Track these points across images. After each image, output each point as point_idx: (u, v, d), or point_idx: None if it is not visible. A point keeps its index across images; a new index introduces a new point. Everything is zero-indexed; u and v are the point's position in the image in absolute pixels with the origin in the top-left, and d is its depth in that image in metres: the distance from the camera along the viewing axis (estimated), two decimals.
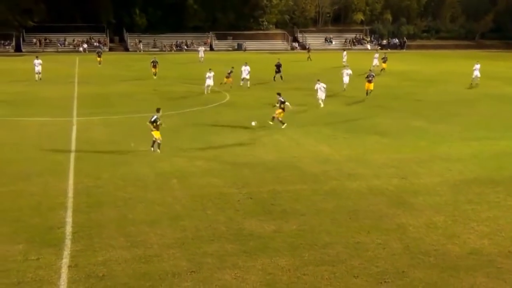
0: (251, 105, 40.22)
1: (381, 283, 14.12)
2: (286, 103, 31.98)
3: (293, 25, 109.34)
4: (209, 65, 52.52)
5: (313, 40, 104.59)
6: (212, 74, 46.43)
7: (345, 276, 14.45)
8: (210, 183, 21.93)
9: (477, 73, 52.51)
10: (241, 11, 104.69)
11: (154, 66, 57.98)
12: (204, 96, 45.15)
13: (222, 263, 15.04)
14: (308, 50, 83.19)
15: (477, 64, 52.99)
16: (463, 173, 23.80)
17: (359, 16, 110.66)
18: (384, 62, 63.59)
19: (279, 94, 32.49)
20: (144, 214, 18.53)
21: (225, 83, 48.91)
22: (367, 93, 44.11)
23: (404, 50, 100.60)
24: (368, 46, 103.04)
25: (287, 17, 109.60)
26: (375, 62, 66.16)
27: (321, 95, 39.20)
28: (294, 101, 35.10)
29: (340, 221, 18.16)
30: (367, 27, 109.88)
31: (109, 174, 22.98)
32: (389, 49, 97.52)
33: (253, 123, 28.34)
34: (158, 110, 26.59)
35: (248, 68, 50.05)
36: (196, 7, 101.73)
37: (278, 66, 55.30)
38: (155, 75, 57.51)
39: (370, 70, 48.76)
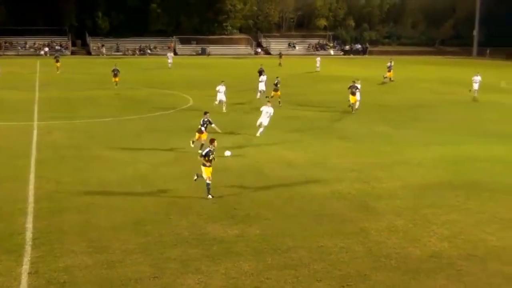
0: (215, 110, 40.13)
1: (344, 286, 14.22)
2: (213, 125, 27.38)
3: (257, 30, 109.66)
4: (178, 70, 52.15)
5: (277, 45, 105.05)
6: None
7: (308, 280, 14.51)
8: (173, 188, 21.82)
9: (476, 86, 48.69)
10: (205, 15, 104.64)
11: (115, 75, 53.80)
12: (168, 100, 44.90)
13: (185, 268, 14.97)
14: (280, 55, 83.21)
15: (477, 75, 49.25)
16: (425, 177, 24.12)
17: (322, 22, 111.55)
18: (389, 70, 61.39)
19: (206, 113, 27.50)
20: (106, 220, 18.35)
21: (272, 97, 41.12)
22: (349, 106, 40.55)
23: (366, 56, 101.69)
24: (331, 52, 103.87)
25: (251, 22, 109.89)
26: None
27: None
28: (258, 105, 35.11)
29: (304, 225, 18.24)
30: (330, 33, 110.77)
31: (71, 179, 22.72)
32: (351, 55, 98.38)
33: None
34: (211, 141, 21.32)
35: (224, 87, 40.38)
36: (160, 11, 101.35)
37: (261, 72, 51.17)
38: (116, 84, 53.33)
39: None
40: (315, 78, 61.68)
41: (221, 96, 40.26)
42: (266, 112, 31.28)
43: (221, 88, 40.23)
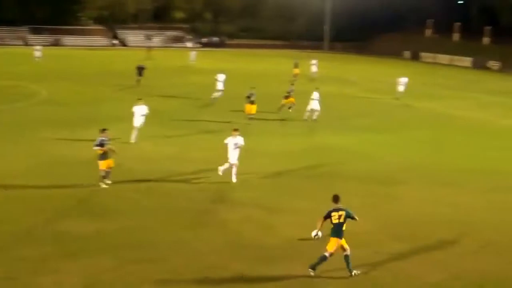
0: (67, 102, 38.89)
1: (204, 278, 14.42)
2: (109, 146, 21.60)
3: (113, 22, 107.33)
4: (50, 63, 49.37)
5: (134, 37, 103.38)
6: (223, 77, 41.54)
7: (169, 273, 14.57)
8: (28, 184, 21.02)
9: (401, 88, 46.88)
10: (58, 5, 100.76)
11: None
12: (18, 92, 42.86)
13: (41, 267, 14.51)
14: (149, 48, 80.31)
15: (404, 78, 47.58)
16: (281, 167, 24.88)
17: (180, 14, 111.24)
18: (296, 67, 59.19)
19: (103, 130, 21.70)
20: None
21: (283, 104, 38.60)
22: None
23: (223, 49, 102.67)
24: (189, 44, 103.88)
25: (106, 13, 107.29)
26: (314, 69, 60.01)
27: None
28: (111, 97, 34.51)
29: (163, 219, 18.26)
30: (187, 25, 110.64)
31: None
32: (209, 47, 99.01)
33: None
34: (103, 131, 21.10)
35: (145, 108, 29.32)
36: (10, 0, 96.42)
37: (140, 69, 47.94)
38: None
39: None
40: (180, 71, 61.31)
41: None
42: (235, 145, 22.72)
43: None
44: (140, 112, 28.47)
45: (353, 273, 14.69)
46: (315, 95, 36.07)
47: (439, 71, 77.07)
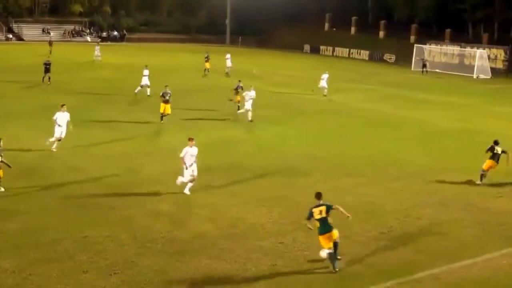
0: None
1: (111, 275, 14.20)
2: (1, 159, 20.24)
3: (7, 15, 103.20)
4: None
5: (30, 31, 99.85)
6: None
7: (74, 272, 14.25)
8: None
9: (324, 83, 46.33)
10: None
11: None
12: None
13: None
14: (50, 43, 77.34)
15: (325, 74, 47.05)
16: None
17: (78, 8, 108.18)
18: (207, 61, 58.46)
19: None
20: None
21: (231, 100, 38.12)
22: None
23: (124, 43, 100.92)
24: (88, 38, 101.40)
25: (0, 6, 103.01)
26: (228, 63, 59.17)
27: None
28: (11, 93, 33.27)
29: (66, 217, 17.82)
30: (86, 19, 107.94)
31: None
32: (109, 42, 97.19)
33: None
34: None
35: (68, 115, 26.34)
36: None
37: (47, 65, 44.92)
38: None
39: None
40: (86, 66, 59.70)
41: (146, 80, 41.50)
42: (191, 156, 20.70)
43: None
44: (63, 119, 25.20)
45: (336, 267, 14.95)
46: (250, 94, 34.80)
47: (338, 64, 78.98)
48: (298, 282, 14.35)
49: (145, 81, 41.82)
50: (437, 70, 73.78)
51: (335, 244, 14.99)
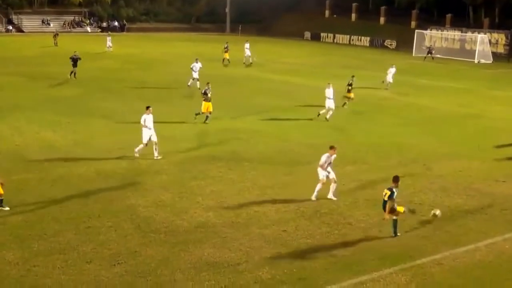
0: None
1: (115, 265, 14.25)
2: None
3: (7, 6, 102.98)
4: None
5: (30, 22, 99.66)
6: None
7: (78, 262, 14.31)
8: None
9: (390, 78, 45.06)
10: None
11: None
12: None
13: None
14: (56, 35, 76.99)
15: (392, 67, 45.76)
16: (188, 151, 24.86)
17: None
18: (226, 51, 57.02)
19: None
20: None
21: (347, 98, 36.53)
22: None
23: (124, 33, 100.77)
24: (88, 29, 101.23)
25: None
26: (247, 53, 57.93)
27: None
28: (11, 86, 33.22)
29: (69, 208, 17.85)
30: (85, 9, 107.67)
31: None
32: (109, 32, 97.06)
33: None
34: None
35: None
36: None
37: (75, 60, 43.67)
38: None
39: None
40: (99, 57, 59.74)
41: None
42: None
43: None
44: (150, 121, 23.62)
45: (397, 234, 16.49)
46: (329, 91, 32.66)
47: (339, 50, 78.81)
48: (301, 269, 14.38)
49: (194, 74, 41.12)
50: (438, 56, 73.55)
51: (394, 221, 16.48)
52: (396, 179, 16.49)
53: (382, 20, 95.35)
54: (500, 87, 48.34)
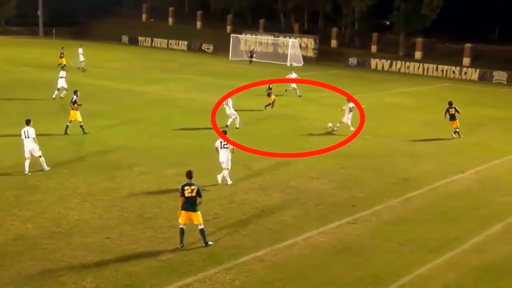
0: None
1: None
2: None
3: None
4: None
5: None
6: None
7: None
8: None
9: (294, 84, 45.89)
10: None
11: None
12: None
13: None
14: None
15: (292, 73, 47.33)
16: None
17: None
18: (62, 57, 54.46)
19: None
20: None
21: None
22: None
23: None
24: None
25: None
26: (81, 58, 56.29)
27: None
28: None
29: None
30: None
31: None
32: None
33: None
34: None
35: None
36: None
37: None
38: None
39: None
40: None
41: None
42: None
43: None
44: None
45: (208, 244, 16.12)
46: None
47: (157, 55, 78.77)
48: (126, 276, 14.24)
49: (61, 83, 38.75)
50: (255, 60, 76.10)
51: (201, 231, 16.04)
52: (189, 174, 16.43)
53: (198, 24, 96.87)
54: (312, 89, 50.64)
